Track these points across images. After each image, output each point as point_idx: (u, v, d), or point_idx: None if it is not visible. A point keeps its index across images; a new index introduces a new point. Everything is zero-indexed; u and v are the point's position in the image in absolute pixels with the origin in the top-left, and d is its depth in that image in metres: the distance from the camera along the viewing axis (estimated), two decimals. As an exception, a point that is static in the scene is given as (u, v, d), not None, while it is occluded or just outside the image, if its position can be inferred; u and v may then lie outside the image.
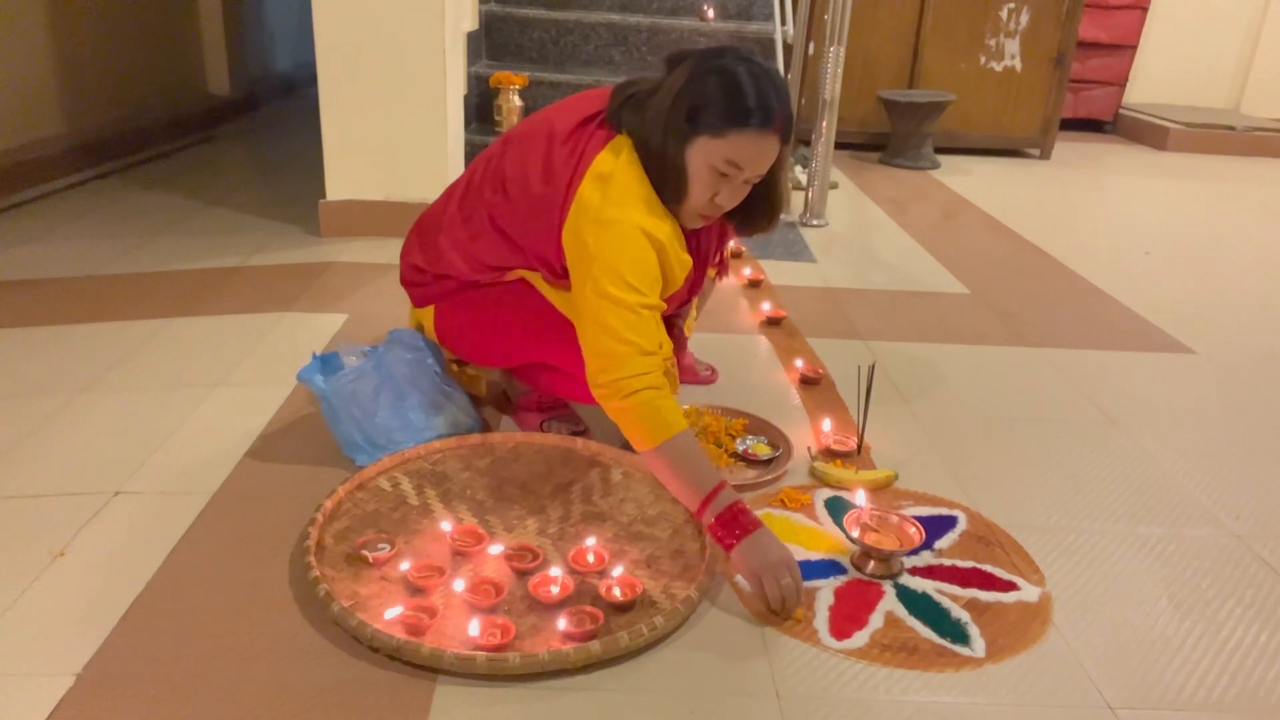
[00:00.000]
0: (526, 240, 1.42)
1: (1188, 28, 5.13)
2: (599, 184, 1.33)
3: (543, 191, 1.37)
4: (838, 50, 2.99)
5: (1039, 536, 1.45)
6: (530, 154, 1.41)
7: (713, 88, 1.29)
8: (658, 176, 1.34)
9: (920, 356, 2.12)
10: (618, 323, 1.29)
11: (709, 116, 1.29)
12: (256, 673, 1.09)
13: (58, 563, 1.28)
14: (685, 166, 1.32)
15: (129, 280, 2.37)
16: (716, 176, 1.32)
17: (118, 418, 1.67)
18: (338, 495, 1.39)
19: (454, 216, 1.53)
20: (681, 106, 1.30)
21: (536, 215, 1.38)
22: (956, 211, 3.52)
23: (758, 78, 1.30)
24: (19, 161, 3.02)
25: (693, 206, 1.36)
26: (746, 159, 1.31)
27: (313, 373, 1.51)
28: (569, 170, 1.35)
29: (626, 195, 1.32)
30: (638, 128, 1.35)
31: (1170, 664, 1.19)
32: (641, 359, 1.29)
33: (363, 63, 2.57)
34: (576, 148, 1.37)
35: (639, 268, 1.31)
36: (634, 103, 1.37)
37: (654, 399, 1.28)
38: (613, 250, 1.30)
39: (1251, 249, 3.22)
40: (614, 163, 1.34)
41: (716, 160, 1.31)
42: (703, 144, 1.30)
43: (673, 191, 1.35)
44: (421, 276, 1.61)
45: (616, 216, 1.31)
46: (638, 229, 1.31)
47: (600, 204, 1.32)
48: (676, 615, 1.18)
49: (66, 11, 3.24)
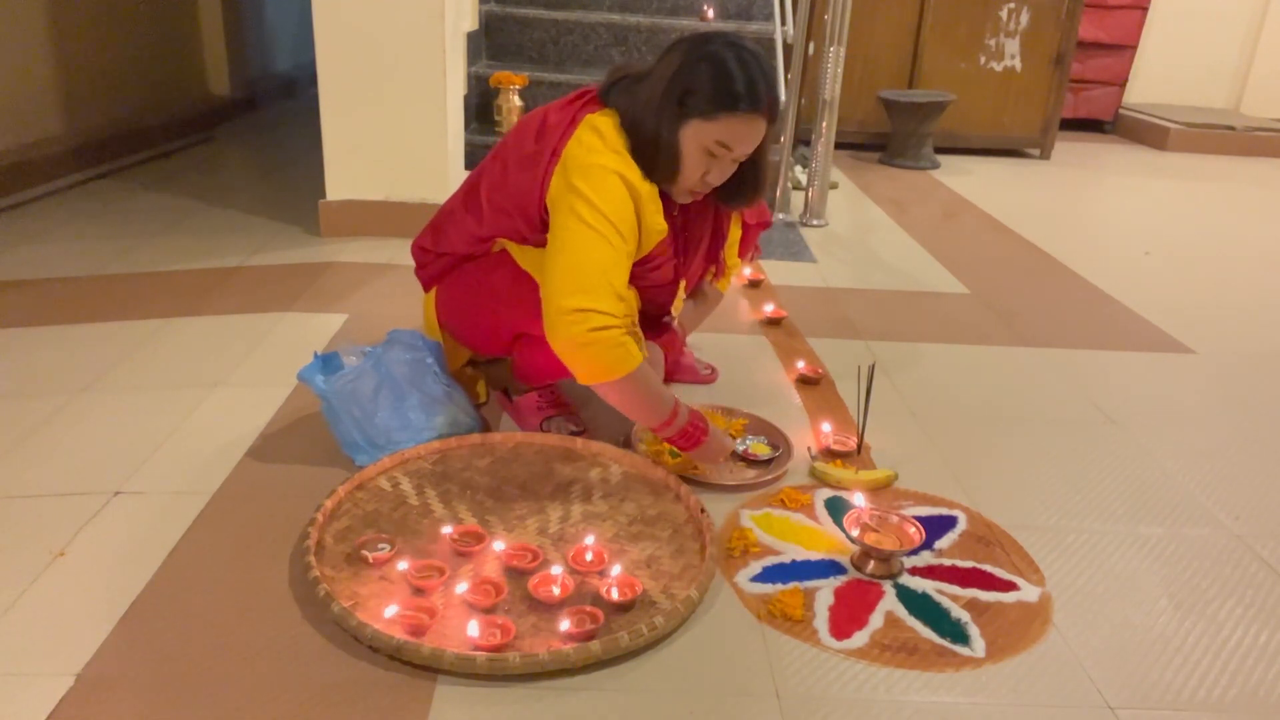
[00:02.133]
0: (510, 197, 1.47)
1: (1188, 28, 5.14)
2: (585, 137, 1.40)
3: (534, 149, 1.44)
4: (838, 50, 2.99)
5: (1039, 536, 1.45)
6: (526, 126, 1.49)
7: (704, 73, 1.36)
8: (650, 156, 1.40)
9: (920, 356, 2.12)
10: (599, 255, 1.34)
11: (700, 101, 1.36)
12: (256, 673, 1.09)
13: (58, 563, 1.28)
14: (678, 147, 1.39)
15: (129, 280, 2.37)
16: (707, 156, 1.40)
17: (118, 418, 1.67)
18: (338, 495, 1.39)
19: (458, 198, 1.60)
20: (674, 91, 1.37)
21: (524, 170, 1.44)
22: (956, 211, 3.52)
23: (746, 63, 1.36)
24: (19, 161, 3.02)
25: (684, 184, 1.44)
26: (736, 139, 1.39)
27: (313, 373, 1.51)
28: (559, 129, 1.42)
29: (610, 149, 1.39)
30: (628, 108, 1.42)
31: (1170, 664, 1.19)
32: (615, 300, 1.34)
33: (363, 63, 2.57)
34: (568, 113, 1.45)
35: (618, 208, 1.36)
36: (625, 84, 1.44)
37: (622, 337, 1.33)
38: (594, 189, 1.35)
39: (1251, 249, 3.22)
40: (601, 124, 1.41)
41: (708, 141, 1.38)
42: (695, 126, 1.38)
43: (666, 171, 1.41)
44: (425, 256, 1.67)
45: (600, 162, 1.37)
46: (618, 174, 1.37)
47: (585, 153, 1.38)
48: (676, 615, 1.18)
49: (66, 11, 3.24)
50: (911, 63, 4.40)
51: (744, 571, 1.32)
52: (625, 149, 1.40)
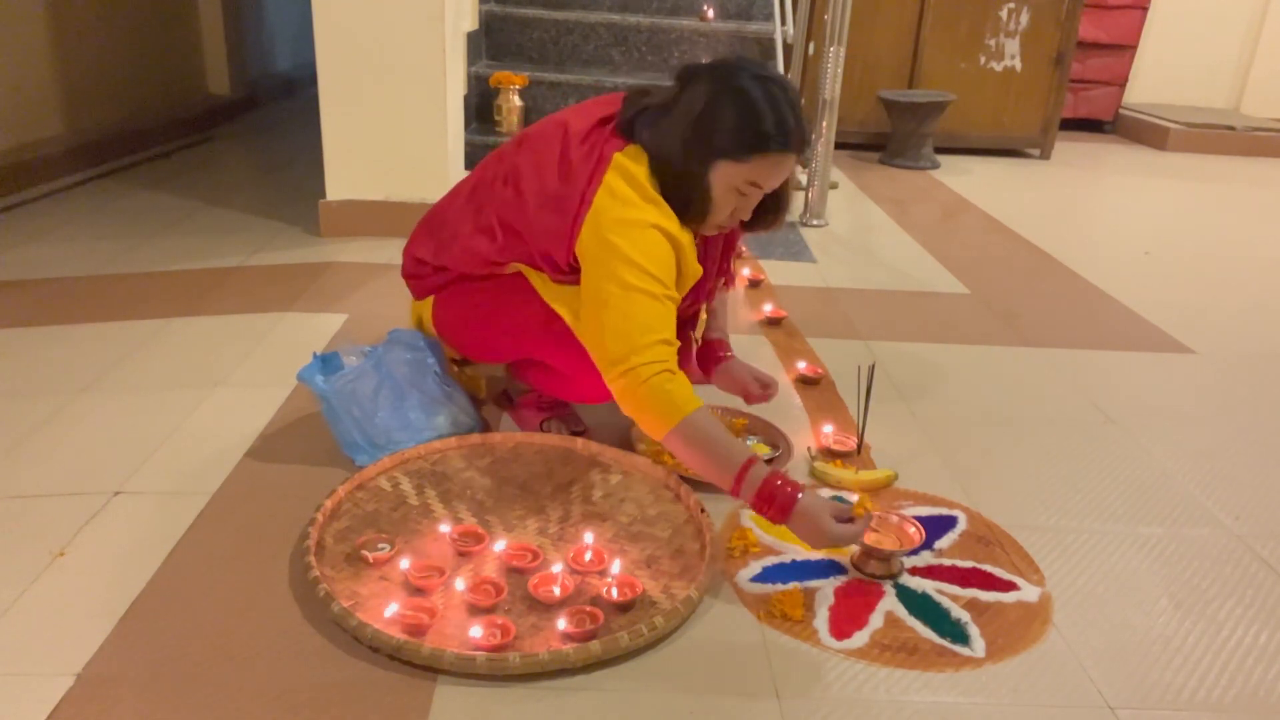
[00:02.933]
0: (534, 237, 1.42)
1: (1188, 28, 5.14)
2: (617, 186, 1.34)
3: (559, 190, 1.38)
4: (838, 50, 2.99)
5: (1039, 536, 1.45)
6: (545, 152, 1.42)
7: (731, 114, 1.30)
8: (680, 196, 1.35)
9: (920, 356, 2.12)
10: (643, 312, 1.29)
11: (729, 142, 1.31)
12: (256, 673, 1.09)
13: (58, 563, 1.28)
14: (709, 189, 1.34)
15: (129, 280, 2.37)
16: (737, 195, 1.35)
17: (118, 418, 1.67)
18: (338, 495, 1.39)
19: (462, 211, 1.54)
20: (701, 131, 1.31)
21: (550, 212, 1.39)
22: (956, 211, 3.52)
23: (774, 98, 1.31)
24: (19, 161, 3.02)
25: (713, 221, 1.39)
26: (766, 178, 1.35)
27: (313, 373, 1.51)
28: (586, 170, 1.36)
29: (644, 199, 1.34)
30: (654, 145, 1.36)
31: (1170, 664, 1.19)
32: (663, 347, 1.29)
33: (363, 63, 2.57)
34: (594, 150, 1.38)
35: (659, 262, 1.32)
36: (648, 117, 1.37)
37: (666, 382, 1.27)
38: (633, 245, 1.31)
39: (1251, 249, 3.22)
40: (631, 168, 1.35)
41: (738, 181, 1.34)
42: (724, 167, 1.32)
43: (698, 212, 1.36)
44: (421, 269, 1.62)
45: (636, 217, 1.32)
46: (656, 227, 1.32)
47: (619, 206, 1.33)
48: (676, 615, 1.18)
49: (66, 11, 3.24)
50: (911, 63, 4.40)
51: (744, 571, 1.32)
52: (658, 194, 1.35)
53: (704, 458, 1.27)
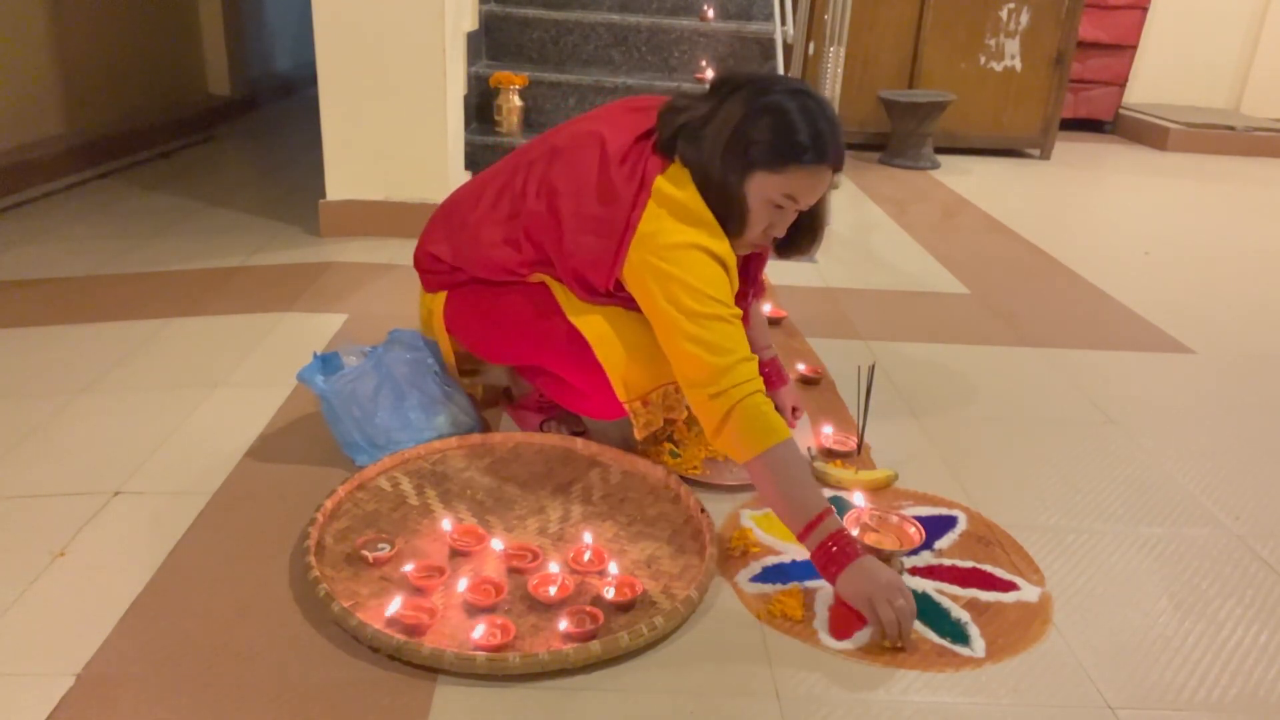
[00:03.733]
0: (568, 256, 1.40)
1: (1188, 28, 5.13)
2: (663, 212, 1.33)
3: (599, 213, 1.37)
4: (838, 50, 2.99)
5: (1039, 536, 1.45)
6: (583, 170, 1.40)
7: (768, 125, 1.31)
8: (718, 207, 1.35)
9: (920, 356, 2.12)
10: (717, 336, 1.28)
11: (766, 154, 1.31)
12: (256, 673, 1.09)
13: (58, 563, 1.28)
14: (746, 201, 1.34)
15: (129, 280, 2.37)
16: (773, 209, 1.35)
17: (118, 418, 1.67)
18: (338, 495, 1.39)
19: (486, 216, 1.51)
20: (739, 144, 1.32)
21: (590, 235, 1.37)
22: (956, 211, 3.52)
23: (810, 112, 1.31)
24: (19, 161, 3.02)
25: (749, 237, 1.39)
26: (802, 191, 1.34)
27: (313, 373, 1.51)
28: (630, 194, 1.35)
29: (690, 221, 1.33)
30: (696, 160, 1.35)
31: (1170, 664, 1.19)
32: (747, 365, 1.29)
33: (363, 63, 2.57)
34: (635, 171, 1.37)
35: (715, 283, 1.32)
36: (688, 133, 1.36)
37: (761, 403, 1.27)
38: (686, 270, 1.30)
39: (1251, 249, 3.22)
40: (676, 192, 1.34)
41: (774, 194, 1.33)
42: (760, 179, 1.33)
43: (736, 225, 1.36)
44: (438, 265, 1.58)
45: (683, 240, 1.32)
46: (704, 249, 1.32)
47: (667, 231, 1.32)
48: (676, 615, 1.18)
49: (66, 11, 3.24)
50: (911, 63, 4.40)
51: (744, 571, 1.32)
52: (704, 211, 1.34)
53: (783, 492, 1.26)
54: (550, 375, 1.55)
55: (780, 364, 1.73)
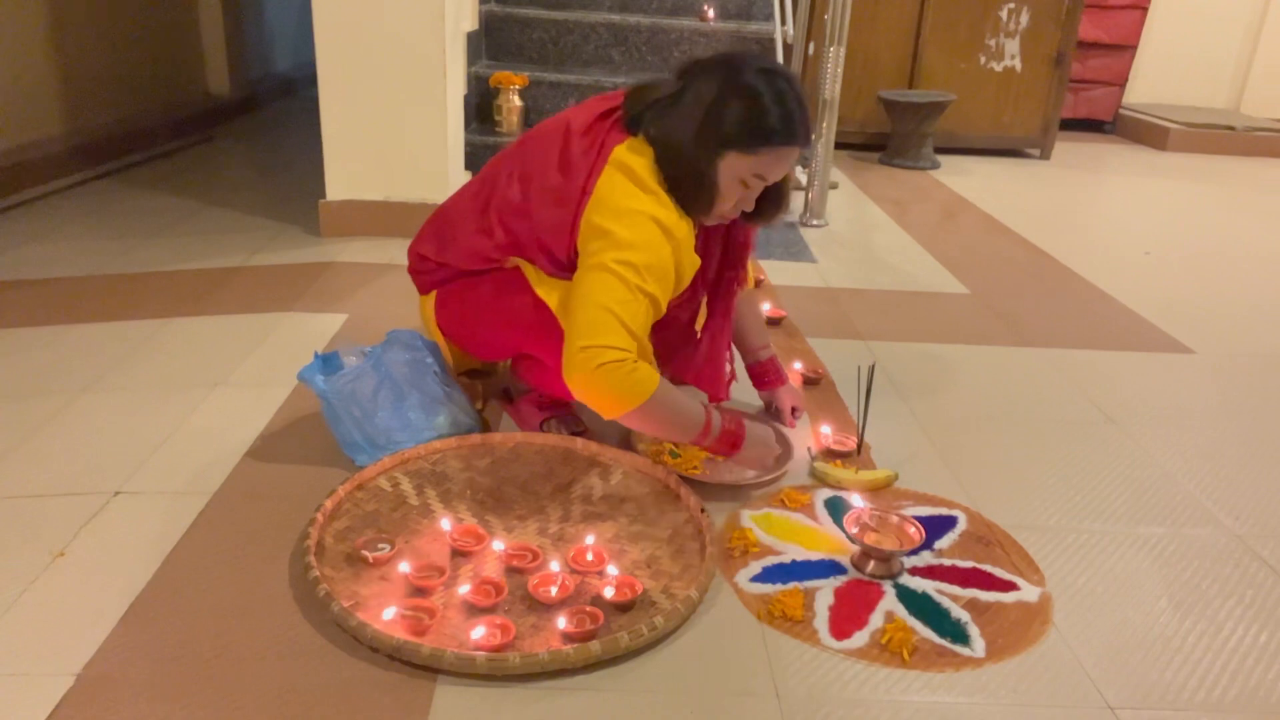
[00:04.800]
0: (535, 229, 1.44)
1: (1188, 28, 5.13)
2: (618, 176, 1.36)
3: (560, 183, 1.40)
4: (838, 50, 2.99)
5: (1039, 536, 1.45)
6: (548, 148, 1.44)
7: (739, 108, 1.33)
8: (688, 186, 1.37)
9: (920, 356, 2.12)
10: (608, 297, 1.31)
11: (739, 135, 1.34)
12: (256, 673, 1.09)
13: (58, 563, 1.28)
14: (716, 179, 1.36)
15: (129, 280, 2.37)
16: (741, 186, 1.39)
17: (118, 418, 1.67)
18: (338, 495, 1.39)
19: (466, 209, 1.55)
20: (711, 124, 1.34)
21: (552, 206, 1.40)
22: (956, 211, 3.52)
23: (781, 93, 1.34)
24: (19, 161, 3.02)
25: (717, 211, 1.42)
26: (771, 170, 1.39)
27: (313, 373, 1.51)
28: (587, 163, 1.38)
29: (646, 190, 1.36)
30: (662, 137, 1.38)
31: (1170, 664, 1.19)
32: (623, 335, 1.31)
33: (363, 63, 2.57)
34: (594, 143, 1.40)
35: (649, 255, 1.33)
36: (655, 111, 1.39)
37: (625, 368, 1.30)
38: (627, 235, 1.33)
39: (1251, 249, 3.22)
40: (634, 160, 1.37)
41: (745, 174, 1.37)
42: (732, 159, 1.35)
43: (705, 203, 1.39)
44: (425, 264, 1.63)
45: (635, 207, 1.34)
46: (654, 220, 1.34)
47: (619, 195, 1.35)
48: (676, 615, 1.18)
49: (66, 11, 3.24)
50: (911, 63, 4.40)
51: (744, 571, 1.32)
52: (660, 185, 1.36)
53: (668, 426, 1.40)
54: (532, 361, 1.56)
55: (778, 364, 1.75)
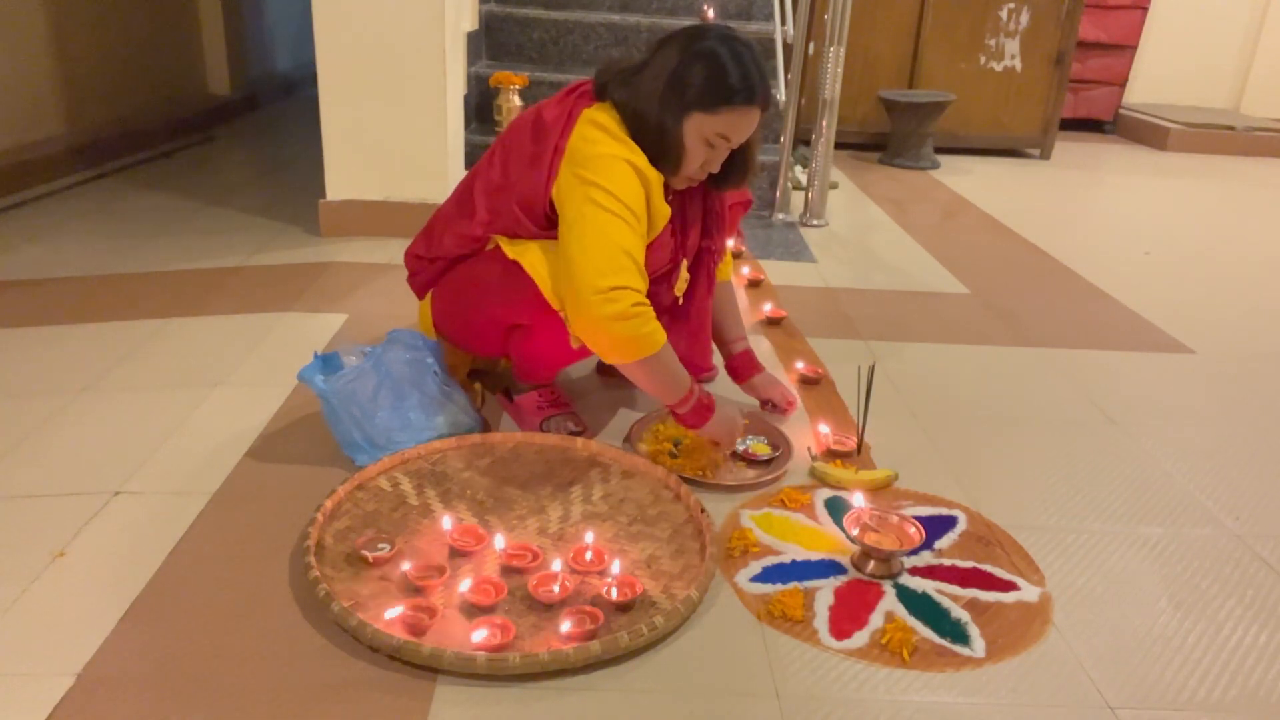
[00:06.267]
0: (514, 196, 1.49)
1: (1188, 28, 5.14)
2: (589, 128, 1.43)
3: (533, 149, 1.47)
4: (838, 50, 2.99)
5: (1039, 536, 1.45)
6: (522, 126, 1.52)
7: (701, 70, 1.41)
8: (655, 147, 1.44)
9: (920, 356, 2.12)
10: (621, 236, 1.37)
11: (701, 95, 1.41)
12: (256, 673, 1.09)
13: (58, 563, 1.28)
14: (682, 139, 1.43)
15: (129, 280, 2.37)
16: (707, 147, 1.46)
17: (118, 418, 1.67)
18: (338, 495, 1.39)
19: (451, 204, 1.63)
20: (675, 86, 1.42)
21: (527, 169, 1.47)
22: (956, 211, 3.52)
23: (740, 56, 1.42)
24: (19, 161, 3.02)
25: (684, 172, 1.49)
26: (734, 130, 1.45)
27: (313, 373, 1.51)
28: (559, 126, 1.45)
29: (614, 138, 1.42)
30: (628, 100, 1.45)
31: (1170, 664, 1.19)
32: (636, 274, 1.37)
33: (363, 63, 2.57)
34: (564, 109, 1.47)
35: (631, 193, 1.40)
36: (622, 78, 1.47)
37: (644, 318, 1.37)
38: (606, 177, 1.39)
39: (1251, 249, 3.22)
40: (601, 118, 1.44)
41: (708, 133, 1.44)
42: (696, 119, 1.42)
43: (672, 162, 1.46)
44: (419, 264, 1.69)
45: (607, 152, 1.41)
46: (626, 161, 1.41)
47: (590, 144, 1.42)
48: (676, 615, 1.18)
49: (66, 11, 3.24)
50: (911, 63, 4.40)
51: (744, 571, 1.32)
52: (628, 138, 1.43)
53: (661, 384, 1.46)
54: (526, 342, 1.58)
55: (752, 355, 1.81)
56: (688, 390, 1.47)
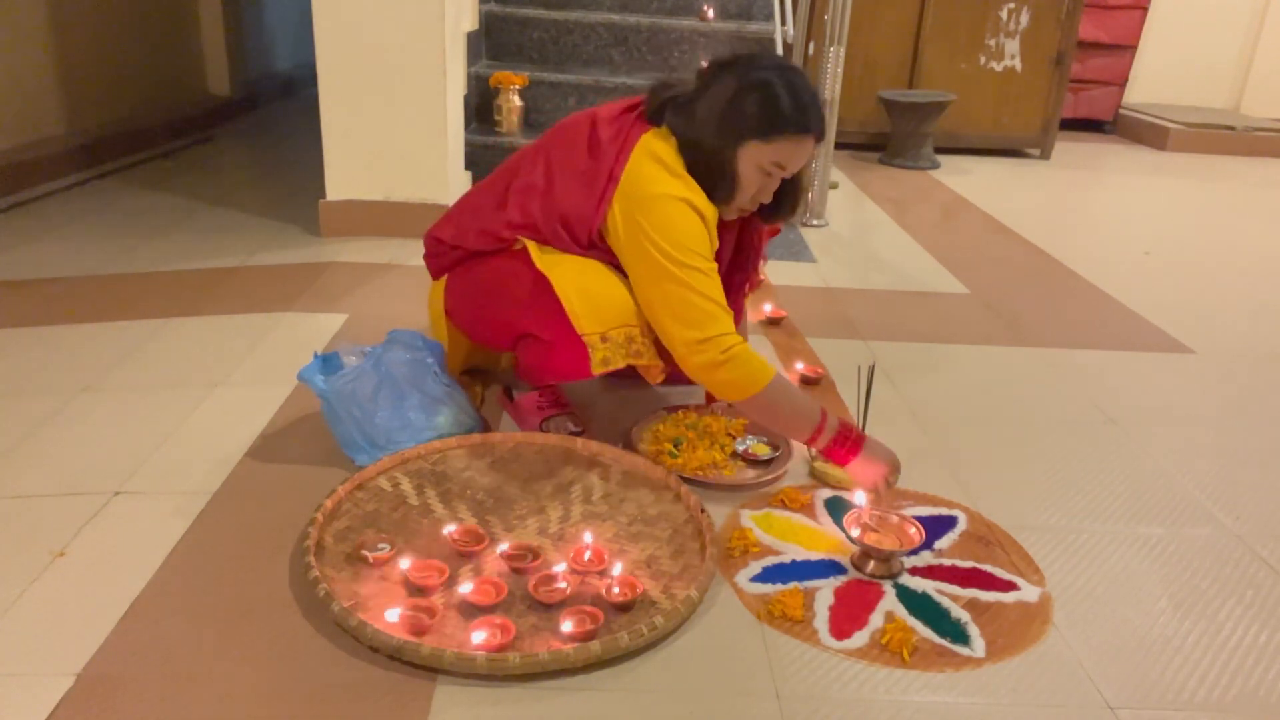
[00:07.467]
0: (555, 209, 1.49)
1: (1188, 28, 5.13)
2: (646, 161, 1.44)
3: (588, 165, 1.47)
4: (838, 50, 2.99)
5: (1039, 536, 1.45)
6: (575, 135, 1.52)
7: (758, 97, 1.42)
8: (710, 176, 1.45)
9: (920, 356, 2.12)
10: (702, 285, 1.40)
11: (757, 124, 1.42)
12: (256, 673, 1.09)
13: (58, 563, 1.28)
14: (737, 168, 1.45)
15: (129, 280, 2.37)
16: (762, 176, 1.47)
17: (118, 418, 1.67)
18: (338, 495, 1.39)
19: (485, 194, 1.61)
20: (731, 115, 1.43)
21: (577, 185, 1.47)
22: (956, 211, 3.52)
23: (795, 86, 1.43)
24: (19, 161, 3.02)
25: (737, 203, 1.49)
26: (789, 159, 1.46)
27: (313, 373, 1.51)
28: (614, 148, 1.46)
29: (671, 175, 1.43)
30: (685, 129, 1.46)
31: (1170, 664, 1.19)
32: (726, 316, 1.42)
33: (363, 63, 2.57)
34: (621, 130, 1.48)
35: (696, 237, 1.42)
36: (676, 105, 1.48)
37: (747, 350, 1.41)
38: (669, 223, 1.41)
39: (1252, 249, 3.22)
40: (660, 146, 1.45)
41: (764, 162, 1.45)
42: (752, 148, 1.43)
43: (726, 191, 1.47)
44: (439, 248, 1.67)
45: (665, 191, 1.42)
46: (685, 202, 1.42)
47: (648, 181, 1.43)
48: (676, 615, 1.18)
49: (66, 11, 3.24)
50: (911, 63, 4.40)
51: (744, 571, 1.32)
52: (685, 172, 1.44)
53: (784, 419, 1.47)
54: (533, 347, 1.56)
55: None
56: (817, 424, 1.43)
